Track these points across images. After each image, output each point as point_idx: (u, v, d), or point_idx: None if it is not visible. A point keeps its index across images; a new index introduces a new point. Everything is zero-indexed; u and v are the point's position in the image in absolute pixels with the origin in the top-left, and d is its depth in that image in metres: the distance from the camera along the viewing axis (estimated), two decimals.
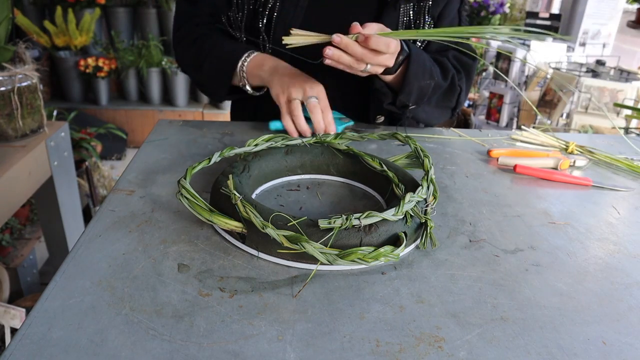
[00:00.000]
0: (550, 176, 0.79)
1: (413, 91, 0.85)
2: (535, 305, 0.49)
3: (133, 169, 0.74)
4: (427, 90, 0.87)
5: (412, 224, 0.56)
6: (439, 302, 0.48)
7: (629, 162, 0.87)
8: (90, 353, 0.39)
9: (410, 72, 0.81)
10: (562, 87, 2.11)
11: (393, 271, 0.53)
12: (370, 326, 0.44)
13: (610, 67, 2.24)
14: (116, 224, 0.58)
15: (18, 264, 1.55)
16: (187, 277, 0.49)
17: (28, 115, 1.17)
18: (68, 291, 0.46)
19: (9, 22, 1.12)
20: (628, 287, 0.53)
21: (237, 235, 0.55)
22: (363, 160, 0.70)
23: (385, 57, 0.73)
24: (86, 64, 3.08)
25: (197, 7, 0.95)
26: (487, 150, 0.89)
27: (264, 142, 0.72)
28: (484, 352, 0.42)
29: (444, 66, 0.90)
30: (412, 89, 0.84)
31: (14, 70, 1.10)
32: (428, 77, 0.85)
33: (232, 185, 0.57)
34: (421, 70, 0.83)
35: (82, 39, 3.07)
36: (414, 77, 0.82)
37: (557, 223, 0.66)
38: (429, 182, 0.62)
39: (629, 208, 0.72)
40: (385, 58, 0.74)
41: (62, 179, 1.33)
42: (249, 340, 0.42)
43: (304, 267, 0.52)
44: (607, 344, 0.44)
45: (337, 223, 0.51)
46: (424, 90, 0.86)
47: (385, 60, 0.74)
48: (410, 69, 0.81)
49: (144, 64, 3.13)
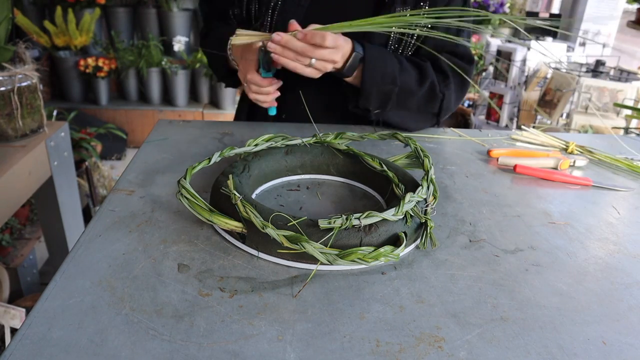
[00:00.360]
0: (550, 176, 0.79)
1: (372, 95, 0.85)
2: (535, 305, 0.49)
3: (133, 169, 0.74)
4: (390, 96, 0.87)
5: (412, 224, 0.56)
6: (439, 302, 0.48)
7: (629, 162, 0.87)
8: (90, 353, 0.39)
9: (366, 75, 0.83)
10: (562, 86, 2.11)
11: (393, 271, 0.53)
12: (370, 326, 0.44)
13: (610, 67, 2.24)
14: (116, 224, 0.58)
15: (18, 264, 1.55)
16: (187, 277, 0.49)
17: (28, 115, 1.17)
18: (68, 291, 0.46)
19: (9, 22, 1.12)
20: (628, 287, 0.53)
21: (237, 235, 0.55)
22: (363, 160, 0.70)
23: (326, 51, 0.76)
24: (86, 64, 3.08)
25: (214, 6, 1.01)
26: (487, 150, 0.89)
27: (264, 142, 0.72)
28: (484, 352, 0.42)
29: (423, 72, 0.89)
30: (370, 92, 0.85)
31: (14, 70, 1.10)
32: (389, 82, 0.85)
33: (232, 185, 0.57)
34: (379, 75, 0.83)
35: (82, 39, 3.07)
36: (371, 81, 0.83)
37: (557, 223, 0.66)
38: (429, 182, 0.62)
39: (629, 208, 0.72)
40: (328, 52, 0.76)
41: (62, 179, 1.33)
42: (249, 340, 0.42)
43: (304, 267, 0.52)
44: (607, 344, 0.44)
45: (337, 223, 0.51)
46: (386, 95, 0.86)
47: (328, 54, 0.76)
48: (365, 72, 0.83)
49: (144, 64, 3.13)
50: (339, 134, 0.76)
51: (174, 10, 3.19)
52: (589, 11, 2.85)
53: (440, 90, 0.91)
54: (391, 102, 0.88)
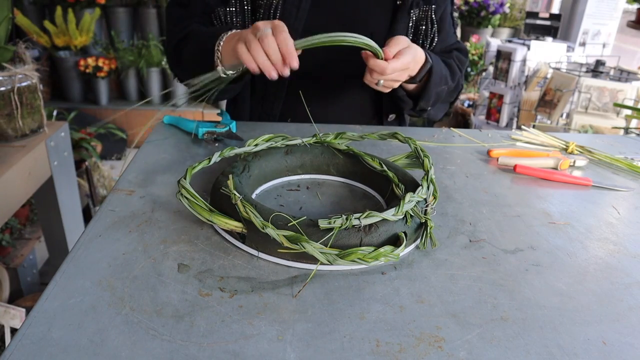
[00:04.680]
0: (550, 176, 0.79)
1: (432, 97, 0.90)
2: (535, 305, 0.49)
3: (133, 169, 0.73)
4: (442, 94, 0.93)
5: (412, 224, 0.56)
6: (439, 302, 0.48)
7: (629, 162, 0.87)
8: (90, 353, 0.39)
9: (432, 81, 0.87)
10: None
11: (393, 271, 0.53)
12: (370, 326, 0.44)
13: (610, 67, 2.24)
14: (116, 224, 0.58)
15: (18, 264, 1.55)
16: (187, 277, 0.49)
17: (28, 115, 1.17)
18: (68, 291, 0.46)
19: (9, 22, 1.12)
20: (628, 287, 0.53)
21: (237, 235, 0.55)
22: (363, 160, 0.70)
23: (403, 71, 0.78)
24: (86, 64, 3.08)
25: (189, 10, 0.90)
26: (487, 150, 0.89)
27: (264, 142, 0.72)
28: (484, 352, 0.42)
29: (452, 69, 0.95)
30: (431, 95, 0.90)
31: (14, 70, 1.10)
32: (444, 82, 0.91)
33: (232, 185, 0.57)
34: (439, 78, 0.88)
35: (82, 39, 3.07)
36: (434, 85, 0.88)
37: (557, 223, 0.66)
38: (429, 182, 0.62)
39: (629, 208, 0.72)
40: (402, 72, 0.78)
41: (62, 179, 1.33)
42: (249, 340, 0.42)
43: (304, 267, 0.52)
44: (607, 344, 0.44)
45: (337, 223, 0.51)
46: (440, 94, 0.92)
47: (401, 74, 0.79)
48: (432, 78, 0.87)
49: (144, 64, 3.13)
50: (339, 134, 0.76)
51: None
52: (589, 11, 2.85)
53: (461, 83, 1.00)
54: (441, 99, 0.95)
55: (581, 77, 2.09)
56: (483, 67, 2.85)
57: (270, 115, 0.98)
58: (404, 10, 0.90)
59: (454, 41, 1.02)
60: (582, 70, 2.18)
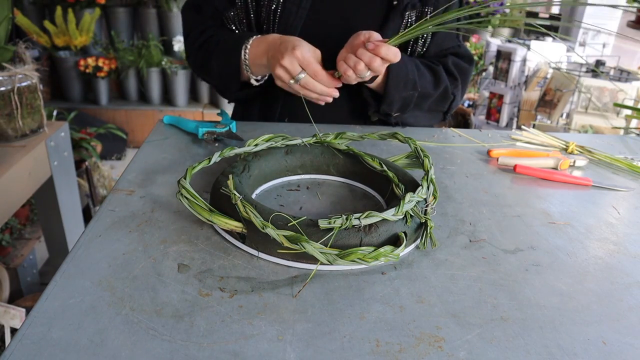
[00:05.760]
0: (550, 176, 0.79)
1: (395, 101, 0.88)
2: (535, 305, 0.49)
3: (133, 169, 0.73)
4: (411, 100, 0.89)
5: (412, 224, 0.56)
6: (439, 302, 0.48)
7: (629, 162, 0.87)
8: (90, 353, 0.39)
9: (390, 84, 0.84)
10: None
11: (393, 271, 0.53)
12: (370, 326, 0.44)
13: (610, 67, 2.24)
14: (116, 224, 0.58)
15: (18, 264, 1.55)
16: (187, 277, 0.49)
17: (28, 115, 1.17)
18: (68, 291, 0.46)
19: (9, 22, 1.12)
20: (628, 287, 0.53)
21: (237, 235, 0.55)
22: (363, 160, 0.70)
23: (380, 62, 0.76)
24: (86, 64, 3.08)
25: (202, 14, 0.94)
26: (487, 150, 0.89)
27: (264, 142, 0.72)
28: (484, 352, 0.42)
29: (438, 76, 0.91)
30: (393, 99, 0.87)
31: (14, 70, 1.10)
32: (411, 88, 0.87)
33: (232, 185, 0.57)
34: (402, 82, 0.85)
35: (82, 39, 3.07)
36: (395, 89, 0.85)
37: (557, 223, 0.66)
38: (429, 182, 0.62)
39: (629, 208, 0.72)
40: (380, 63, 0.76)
41: (62, 179, 1.33)
42: (249, 340, 0.42)
43: (304, 267, 0.52)
44: (607, 344, 0.44)
45: (337, 223, 0.51)
46: (407, 100, 0.89)
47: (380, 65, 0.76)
48: (390, 82, 0.84)
49: (144, 64, 3.13)
50: (339, 134, 0.76)
51: (174, 10, 3.19)
52: (589, 11, 2.85)
53: (451, 92, 0.94)
54: (410, 106, 0.91)
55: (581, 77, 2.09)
56: (483, 67, 2.85)
57: (268, 117, 0.99)
58: (405, 10, 0.89)
59: (452, 45, 0.97)
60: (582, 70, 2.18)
